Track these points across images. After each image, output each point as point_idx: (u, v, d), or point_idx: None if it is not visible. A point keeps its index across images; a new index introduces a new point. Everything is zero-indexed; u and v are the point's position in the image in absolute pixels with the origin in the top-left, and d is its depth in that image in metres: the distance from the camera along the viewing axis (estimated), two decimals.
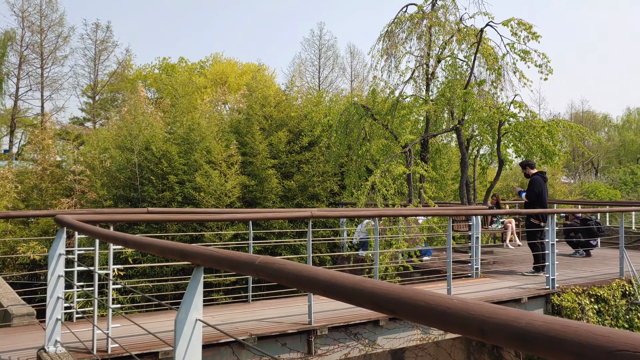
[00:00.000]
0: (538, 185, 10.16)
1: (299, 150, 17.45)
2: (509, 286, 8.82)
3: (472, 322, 1.36)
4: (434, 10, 13.78)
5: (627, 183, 38.57)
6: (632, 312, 9.29)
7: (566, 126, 13.58)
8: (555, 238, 8.74)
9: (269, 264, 2.16)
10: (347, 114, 14.82)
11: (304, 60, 39.92)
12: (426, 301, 1.49)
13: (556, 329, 1.20)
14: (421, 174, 13.05)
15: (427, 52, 14.02)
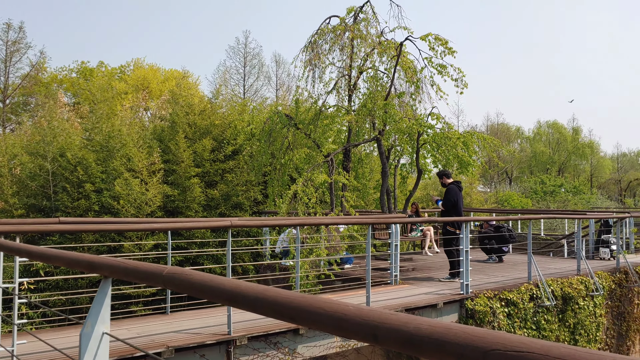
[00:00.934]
0: (454, 194, 10.58)
1: (223, 158, 17.30)
2: (426, 292, 9.10)
3: (366, 327, 1.42)
4: (356, 23, 14.07)
5: (538, 192, 40.78)
6: (539, 314, 9.81)
7: (480, 138, 14.20)
8: (469, 245, 9.12)
9: (176, 274, 2.15)
10: (270, 122, 14.85)
11: (228, 68, 39.64)
12: (324, 308, 1.54)
13: (439, 332, 1.28)
14: (343, 183, 13.25)
15: (350, 63, 14.29)
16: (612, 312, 11.72)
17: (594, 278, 11.07)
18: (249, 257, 15.94)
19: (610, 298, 11.67)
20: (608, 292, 11.54)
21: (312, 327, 1.63)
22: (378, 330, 1.39)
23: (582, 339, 10.62)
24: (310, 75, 14.20)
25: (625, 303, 12.17)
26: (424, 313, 8.26)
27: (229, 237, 6.36)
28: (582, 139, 60.38)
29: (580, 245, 11.84)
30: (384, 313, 1.42)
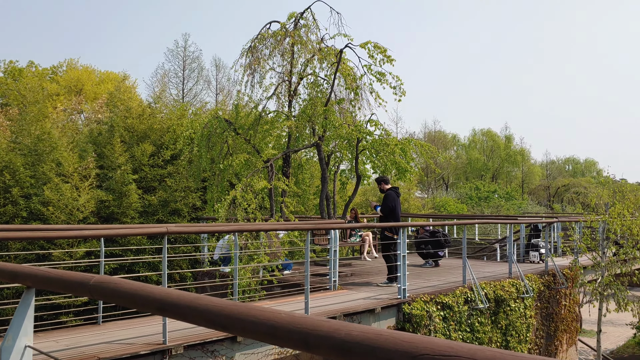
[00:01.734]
0: (391, 200, 10.74)
1: (162, 164, 16.92)
2: (365, 297, 9.19)
3: (298, 335, 1.41)
4: (296, 29, 14.11)
5: (472, 198, 42.04)
6: (473, 316, 10.09)
7: (417, 145, 14.50)
8: (406, 250, 9.28)
9: (104, 283, 2.07)
10: (209, 127, 14.65)
11: (167, 71, 38.86)
12: (256, 316, 1.51)
13: (370, 337, 1.28)
14: (283, 188, 13.23)
15: (290, 69, 14.31)
16: (541, 313, 12.19)
17: (524, 281, 11.48)
18: (187, 264, 15.64)
19: (539, 300, 12.13)
20: (537, 294, 11.99)
21: (245, 335, 1.60)
22: (310, 337, 1.38)
23: (514, 340, 10.99)
24: (250, 80, 14.14)
25: (553, 304, 12.69)
26: (362, 318, 8.33)
27: (164, 243, 6.22)
28: (514, 146, 62.73)
29: (512, 249, 12.27)
30: (315, 320, 1.41)
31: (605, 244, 14.18)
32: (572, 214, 28.67)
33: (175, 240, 15.77)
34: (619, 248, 14.46)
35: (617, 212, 14.34)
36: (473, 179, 54.96)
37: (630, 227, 14.28)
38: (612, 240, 14.36)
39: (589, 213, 15.21)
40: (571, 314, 13.55)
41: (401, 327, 8.88)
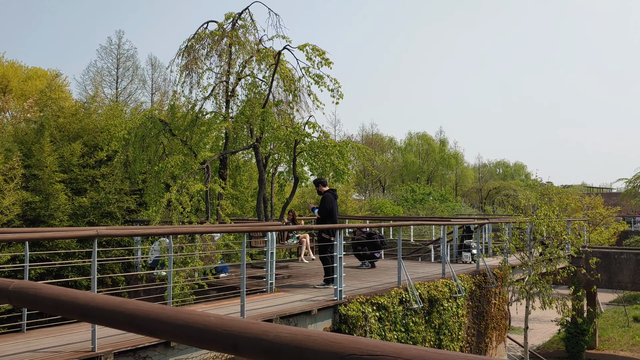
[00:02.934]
0: (329, 202, 10.81)
1: (94, 164, 16.36)
2: (301, 299, 9.19)
3: (226, 338, 1.38)
4: (234, 30, 13.98)
5: (408, 200, 42.93)
6: (408, 316, 10.29)
7: (355, 147, 14.66)
8: (342, 251, 9.35)
9: (24, 289, 1.97)
10: (144, 128, 14.29)
11: (100, 69, 37.62)
12: (184, 320, 1.48)
13: (299, 339, 1.28)
14: (219, 191, 13.07)
15: (228, 70, 14.16)
16: (472, 311, 12.57)
17: (457, 281, 11.81)
18: (119, 268, 15.19)
19: (471, 299, 12.51)
20: (469, 293, 12.36)
21: (173, 340, 1.56)
22: (238, 339, 1.36)
23: (446, 339, 11.28)
24: (187, 81, 13.88)
25: (483, 303, 13.11)
26: (298, 320, 8.33)
27: (94, 247, 6.01)
28: (449, 150, 64.54)
29: (445, 250, 12.60)
30: (244, 322, 1.39)
31: (532, 244, 14.79)
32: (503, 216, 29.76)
33: (107, 244, 15.28)
34: (544, 248, 15.12)
35: (543, 214, 14.99)
36: (409, 182, 56.12)
37: (554, 227, 14.96)
38: (538, 240, 15.00)
39: (518, 215, 15.84)
40: (500, 312, 14.05)
41: (337, 329, 8.94)
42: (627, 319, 25.16)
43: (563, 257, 15.45)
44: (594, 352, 21.56)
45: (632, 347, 21.69)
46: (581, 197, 38.35)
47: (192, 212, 11.71)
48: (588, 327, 20.85)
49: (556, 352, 21.89)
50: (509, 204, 44.74)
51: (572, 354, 20.92)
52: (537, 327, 26.06)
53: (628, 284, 21.08)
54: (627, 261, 20.70)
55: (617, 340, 22.55)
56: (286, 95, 14.22)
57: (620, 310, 26.73)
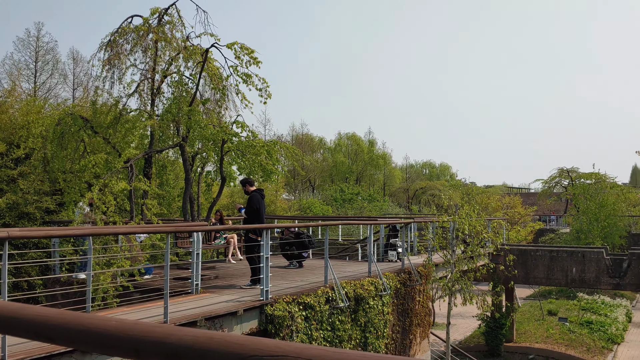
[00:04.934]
0: (256, 202, 10.76)
1: (11, 164, 15.52)
2: (227, 300, 9.10)
3: (128, 343, 1.35)
4: (160, 25, 13.65)
5: (337, 199, 43.37)
6: (334, 315, 10.39)
7: (283, 147, 14.66)
8: (269, 251, 9.33)
9: None
10: (63, 125, 13.70)
11: (17, 62, 35.70)
12: (84, 325, 1.43)
13: (202, 341, 1.26)
14: (145, 190, 12.73)
15: (153, 66, 13.80)
16: (397, 309, 12.87)
17: (382, 279, 12.05)
18: (36, 270, 14.49)
19: (396, 296, 12.80)
20: (394, 291, 12.64)
21: (74, 346, 1.51)
22: (140, 344, 1.33)
23: (372, 336, 11.48)
24: (109, 76, 13.42)
25: (408, 300, 13.45)
26: (224, 321, 8.24)
27: (5, 249, 5.70)
28: (377, 150, 65.67)
29: (372, 249, 12.83)
30: (147, 326, 1.36)
31: (454, 242, 15.31)
32: (428, 215, 30.63)
33: (24, 246, 14.55)
34: (466, 246, 15.69)
35: (465, 213, 15.55)
36: (338, 182, 56.67)
37: (475, 226, 15.55)
38: (460, 239, 15.54)
39: (442, 214, 16.35)
40: (424, 308, 14.45)
41: (264, 329, 8.92)
42: (542, 313, 26.50)
43: (483, 255, 16.10)
44: (512, 345, 22.59)
45: (546, 339, 22.87)
46: (501, 197, 40.09)
47: (116, 212, 11.35)
48: (506, 321, 21.83)
49: (477, 346, 22.77)
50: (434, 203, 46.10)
51: (491, 347, 21.83)
52: (460, 322, 27.01)
53: (543, 279, 22.23)
54: (542, 258, 21.82)
55: (532, 333, 23.71)
56: (214, 93, 14.03)
57: (536, 305, 28.12)
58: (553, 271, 21.58)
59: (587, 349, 21.88)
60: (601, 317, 25.51)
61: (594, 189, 36.90)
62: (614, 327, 24.59)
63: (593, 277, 21.00)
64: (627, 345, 23.66)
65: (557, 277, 21.66)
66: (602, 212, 32.86)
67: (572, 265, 21.28)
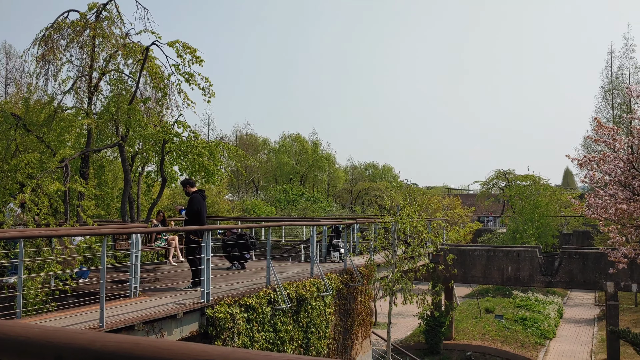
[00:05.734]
0: (197, 203, 10.62)
1: None
2: (167, 303, 8.93)
3: (51, 350, 1.31)
4: (98, 21, 13.27)
5: (281, 200, 43.33)
6: (276, 316, 10.38)
7: (226, 147, 14.54)
8: (210, 253, 9.22)
9: None
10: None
11: None
12: (4, 332, 1.38)
13: (127, 347, 1.24)
14: (80, 190, 12.33)
15: (91, 63, 13.41)
16: (339, 309, 12.97)
17: (324, 280, 12.11)
18: None
19: (338, 297, 12.90)
20: (336, 292, 12.74)
21: None
22: (63, 351, 1.29)
23: (314, 337, 11.53)
24: (43, 72, 12.95)
25: (350, 301, 13.58)
26: (163, 325, 8.09)
27: None
28: (321, 151, 65.99)
29: (314, 249, 12.88)
30: (70, 333, 1.32)
31: (396, 243, 15.58)
32: (371, 216, 31.02)
33: None
34: (407, 246, 15.99)
35: (406, 214, 15.85)
36: (282, 182, 56.62)
37: (416, 227, 15.87)
38: (402, 239, 15.83)
39: (384, 215, 16.60)
40: (366, 308, 14.63)
41: (204, 332, 8.81)
42: (479, 311, 27.31)
43: (423, 255, 16.45)
44: (451, 343, 23.16)
45: (483, 336, 23.58)
46: (442, 198, 41.06)
47: (49, 214, 10.94)
48: (445, 320, 22.36)
49: (417, 345, 23.23)
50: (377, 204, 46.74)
51: (431, 345, 22.32)
52: (401, 321, 27.49)
53: (480, 278, 22.92)
54: (479, 257, 22.49)
55: (470, 331, 24.40)
56: (155, 92, 13.76)
57: (474, 303, 28.95)
58: (490, 270, 22.28)
59: (521, 344, 22.70)
60: (535, 314, 26.53)
61: (529, 190, 38.34)
62: (546, 323, 25.61)
63: (527, 275, 21.81)
64: (559, 340, 24.70)
65: (493, 276, 22.37)
66: (536, 212, 34.18)
67: (507, 264, 22.03)
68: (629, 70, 44.50)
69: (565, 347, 23.39)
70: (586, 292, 36.72)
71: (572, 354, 22.47)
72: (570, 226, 41.60)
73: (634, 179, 15.59)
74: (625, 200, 15.49)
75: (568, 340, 24.75)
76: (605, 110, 44.97)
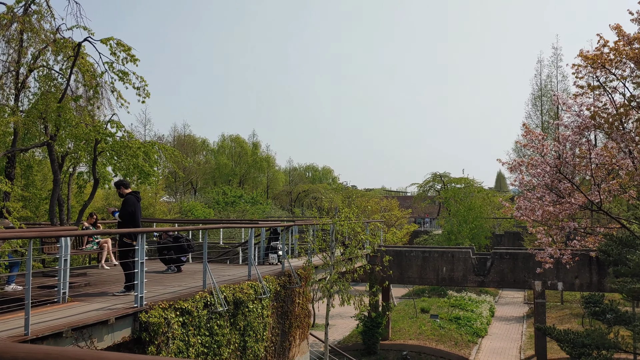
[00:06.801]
0: (131, 205, 10.33)
1: None
2: (98, 308, 8.64)
3: None
4: (27, 15, 12.70)
5: (220, 202, 42.80)
6: (213, 320, 10.23)
7: (162, 148, 14.23)
8: (144, 256, 8.99)
9: None
10: None
11: None
12: None
13: (38, 358, 1.19)
14: (6, 191, 11.77)
15: (18, 58, 12.82)
16: (277, 312, 12.92)
17: (262, 282, 12.04)
18: None
19: (276, 299, 12.85)
20: (274, 294, 12.69)
21: None
22: None
23: (251, 340, 11.44)
24: None
25: (288, 303, 13.56)
26: (93, 331, 7.82)
27: None
28: (261, 153, 65.73)
29: (252, 252, 12.78)
30: None
31: (334, 244, 15.68)
32: (309, 218, 31.11)
33: None
34: (345, 248, 16.12)
35: (345, 216, 15.98)
36: (221, 184, 56.01)
37: (354, 228, 16.03)
38: (339, 241, 15.95)
39: (323, 217, 16.67)
40: (304, 310, 14.65)
41: (137, 337, 8.57)
42: (415, 311, 27.90)
43: (361, 257, 16.63)
44: (387, 343, 23.54)
45: (419, 335, 24.10)
46: (380, 200, 41.69)
47: None
48: (382, 320, 22.70)
49: (355, 345, 23.46)
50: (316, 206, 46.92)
51: (368, 346, 22.60)
52: (339, 323, 27.71)
53: (416, 279, 23.40)
54: (415, 258, 22.96)
55: (406, 330, 24.88)
56: (87, 90, 13.29)
57: (410, 303, 29.55)
58: (426, 271, 22.79)
59: (455, 343, 23.33)
60: (468, 313, 27.35)
61: (464, 192, 39.50)
62: (479, 321, 26.45)
63: (461, 275, 22.45)
64: (490, 337, 25.56)
65: (429, 276, 22.89)
66: (470, 214, 35.26)
67: (442, 264, 22.60)
68: (556, 78, 46.70)
69: (496, 344, 24.23)
70: (516, 291, 38.19)
71: (503, 350, 23.30)
72: (502, 227, 43.17)
73: (560, 182, 16.35)
74: (552, 202, 16.20)
75: (499, 337, 25.65)
76: (535, 116, 46.96)
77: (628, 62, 15.32)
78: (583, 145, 16.46)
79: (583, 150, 16.44)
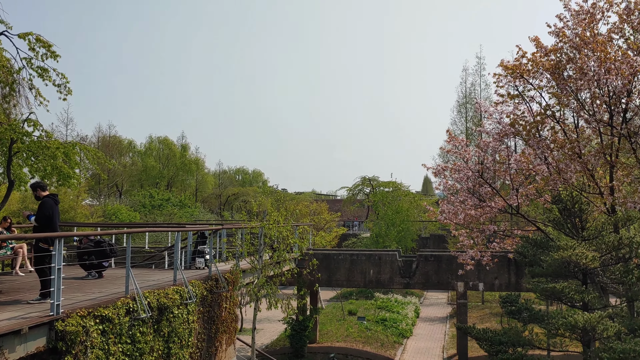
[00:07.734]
0: (49, 208, 9.89)
1: None
2: (10, 317, 8.20)
3: None
4: None
5: (146, 205, 41.67)
6: (135, 327, 9.93)
7: (84, 149, 13.71)
8: (62, 262, 8.62)
9: None
10: None
11: None
12: None
13: None
14: None
15: None
16: (203, 317, 12.72)
17: (188, 287, 11.82)
18: None
19: (202, 304, 12.65)
20: (200, 299, 12.48)
21: None
22: None
23: (176, 346, 11.19)
24: None
25: (215, 308, 13.37)
26: (5, 341, 7.41)
27: None
28: (190, 155, 64.53)
29: (178, 256, 12.52)
30: None
31: (262, 248, 15.61)
32: (239, 221, 30.83)
33: None
34: (273, 252, 16.08)
35: (274, 219, 15.94)
36: (148, 187, 54.57)
37: (282, 232, 16.03)
38: (268, 244, 15.89)
39: (252, 220, 16.56)
40: (231, 315, 14.49)
41: (53, 347, 8.20)
42: (343, 313, 28.19)
43: (289, 260, 16.64)
44: (315, 345, 23.66)
45: (346, 337, 24.37)
46: (310, 204, 41.89)
47: None
48: (309, 323, 22.80)
49: (282, 349, 23.44)
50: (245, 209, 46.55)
51: (296, 349, 22.63)
52: (267, 326, 27.59)
53: (344, 281, 23.67)
54: (343, 261, 23.23)
55: (334, 333, 25.10)
56: (2, 87, 12.61)
57: (338, 306, 29.84)
58: (353, 273, 23.08)
59: (381, 344, 23.75)
60: (394, 314, 27.93)
61: (391, 196, 40.32)
62: (404, 323, 27.07)
63: (387, 277, 22.89)
64: (415, 338, 26.21)
65: (356, 279, 23.20)
66: (398, 217, 36.02)
67: (370, 267, 22.96)
68: (480, 86, 48.58)
69: (421, 345, 24.87)
70: (440, 292, 39.38)
71: (427, 350, 23.95)
72: (428, 230, 44.39)
73: (481, 187, 17.03)
74: (473, 206, 16.85)
75: (423, 337, 26.34)
76: (460, 123, 48.62)
77: (544, 72, 16.19)
78: (503, 151, 17.24)
79: (503, 156, 17.22)
